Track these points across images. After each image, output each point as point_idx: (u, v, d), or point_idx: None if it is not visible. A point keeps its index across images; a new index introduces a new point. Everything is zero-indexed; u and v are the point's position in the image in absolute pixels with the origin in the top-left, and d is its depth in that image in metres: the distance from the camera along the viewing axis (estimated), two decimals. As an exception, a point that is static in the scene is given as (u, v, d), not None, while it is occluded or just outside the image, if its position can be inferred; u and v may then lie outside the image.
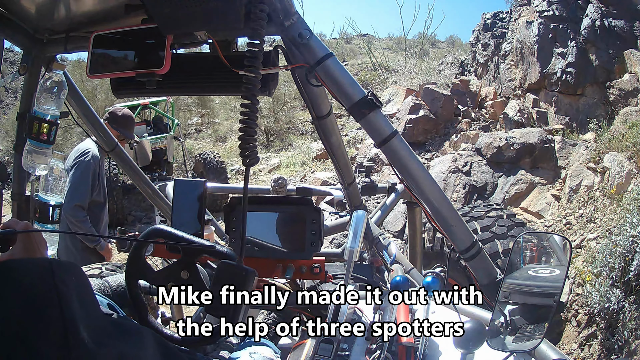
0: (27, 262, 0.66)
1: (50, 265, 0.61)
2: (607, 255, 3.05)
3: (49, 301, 0.57)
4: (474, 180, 5.42)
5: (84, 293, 0.65)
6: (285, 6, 1.00)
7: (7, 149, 11.90)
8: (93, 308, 0.66)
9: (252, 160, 0.88)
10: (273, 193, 2.21)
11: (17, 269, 0.60)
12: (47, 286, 0.58)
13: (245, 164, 0.88)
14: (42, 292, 0.58)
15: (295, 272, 1.33)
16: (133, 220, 7.19)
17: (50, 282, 0.59)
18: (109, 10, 1.14)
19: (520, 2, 7.77)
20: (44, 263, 0.62)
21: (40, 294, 0.58)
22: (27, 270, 0.60)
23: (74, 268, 0.67)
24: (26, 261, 0.68)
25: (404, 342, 0.92)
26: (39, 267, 0.61)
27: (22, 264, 0.63)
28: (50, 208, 1.42)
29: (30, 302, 0.57)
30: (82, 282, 0.66)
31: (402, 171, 1.12)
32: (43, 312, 0.56)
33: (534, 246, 1.06)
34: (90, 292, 0.68)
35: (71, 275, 0.63)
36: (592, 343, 3.01)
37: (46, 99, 1.33)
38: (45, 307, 0.57)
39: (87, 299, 0.65)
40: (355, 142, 8.66)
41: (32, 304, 0.57)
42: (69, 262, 0.69)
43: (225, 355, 1.27)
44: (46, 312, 0.57)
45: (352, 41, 18.84)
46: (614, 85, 5.69)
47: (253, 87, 0.89)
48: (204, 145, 12.17)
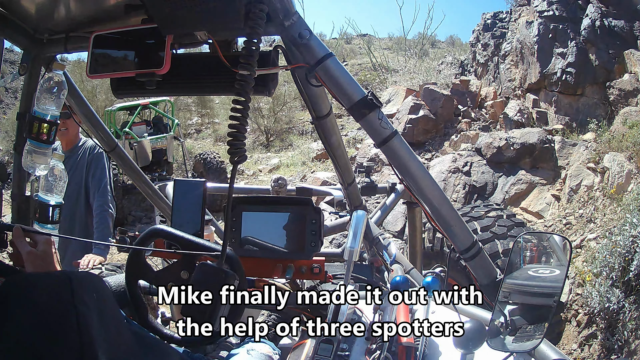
0: (44, 278, 0.61)
1: (69, 283, 0.57)
2: (607, 255, 3.05)
3: (66, 323, 0.53)
4: (474, 180, 5.42)
5: (106, 310, 0.60)
6: (285, 6, 1.00)
7: (7, 149, 11.90)
8: (115, 326, 0.62)
9: (240, 158, 0.88)
10: (273, 193, 2.21)
11: (34, 285, 0.56)
12: (65, 307, 0.54)
13: (233, 161, 0.88)
14: (59, 313, 0.54)
15: (295, 272, 1.33)
16: (133, 220, 7.19)
17: (68, 301, 0.55)
18: (109, 10, 1.14)
19: (520, 2, 7.77)
20: (63, 280, 0.57)
21: (57, 315, 0.53)
22: (44, 287, 0.56)
23: (95, 282, 0.63)
24: (44, 277, 0.62)
25: (404, 342, 0.92)
26: (57, 285, 0.56)
27: (39, 279, 0.59)
28: (50, 208, 1.42)
29: (45, 323, 0.52)
30: (103, 297, 0.62)
31: (402, 171, 1.12)
32: (59, 335, 0.52)
33: (534, 246, 1.06)
34: (112, 307, 0.64)
35: (92, 292, 0.59)
36: (592, 343, 3.01)
37: (46, 99, 1.33)
38: (61, 329, 0.53)
39: (109, 316, 0.60)
40: (355, 142, 8.66)
41: (47, 325, 0.52)
42: (89, 276, 0.65)
43: (224, 355, 1.27)
44: (62, 335, 0.52)
45: (352, 41, 18.85)
46: (614, 85, 5.69)
47: (246, 84, 0.89)
48: (204, 145, 12.17)
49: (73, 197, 2.47)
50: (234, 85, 0.89)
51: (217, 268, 0.92)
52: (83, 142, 2.61)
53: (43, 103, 1.33)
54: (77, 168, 2.52)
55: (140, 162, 6.98)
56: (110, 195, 2.55)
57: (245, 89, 0.89)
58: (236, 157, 0.88)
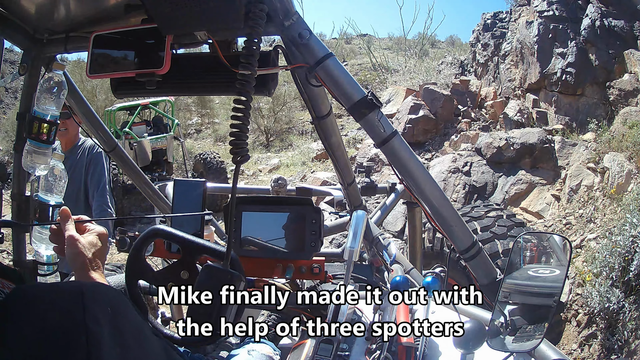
0: (54, 291, 0.56)
1: (80, 298, 0.52)
2: (607, 255, 3.05)
3: (75, 343, 0.49)
4: (474, 180, 5.42)
5: (124, 326, 0.55)
6: (285, 6, 1.00)
7: (7, 149, 11.90)
8: (137, 343, 0.57)
9: (242, 158, 0.88)
10: (273, 193, 2.21)
11: (41, 299, 0.52)
12: (74, 324, 0.50)
13: (236, 161, 0.87)
14: (67, 331, 0.50)
15: (295, 272, 1.33)
16: (133, 220, 7.19)
17: (79, 319, 0.50)
18: (109, 10, 1.14)
19: (520, 2, 7.77)
20: (74, 294, 0.53)
21: (65, 334, 0.49)
22: (52, 302, 0.52)
23: (110, 295, 0.58)
24: (53, 290, 0.57)
25: (404, 342, 0.92)
26: (67, 300, 0.52)
27: (48, 292, 0.54)
28: (50, 208, 1.42)
29: (52, 342, 0.49)
30: (121, 312, 0.57)
31: (402, 171, 1.12)
32: (65, 356, 0.48)
33: (534, 246, 1.06)
34: (133, 323, 0.59)
35: (106, 306, 0.54)
36: (592, 343, 3.01)
37: (46, 99, 1.33)
38: (69, 350, 0.49)
39: (128, 333, 0.56)
40: (355, 142, 8.66)
41: (53, 344, 0.49)
42: (105, 288, 0.60)
43: (224, 355, 1.27)
44: (69, 356, 0.48)
45: (352, 41, 18.84)
46: (614, 85, 5.69)
47: (247, 84, 0.89)
48: (204, 145, 12.18)
49: (73, 197, 2.47)
50: (234, 85, 0.89)
51: (223, 269, 0.92)
52: (82, 142, 2.61)
53: (43, 103, 1.32)
54: (77, 168, 2.53)
55: (140, 162, 6.97)
56: (110, 195, 2.55)
57: (246, 89, 0.89)
58: (239, 157, 0.88)
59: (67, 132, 2.52)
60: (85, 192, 2.54)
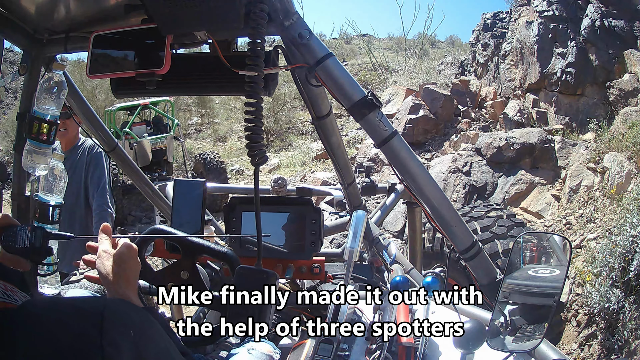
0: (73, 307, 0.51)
1: (100, 319, 0.48)
2: (607, 255, 3.05)
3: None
4: (474, 180, 5.42)
5: (146, 351, 0.51)
6: (285, 6, 1.00)
7: (7, 149, 11.90)
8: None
9: (260, 159, 0.88)
10: (273, 193, 2.21)
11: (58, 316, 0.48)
12: (89, 346, 0.46)
13: (254, 163, 0.87)
14: (80, 353, 0.46)
15: (295, 272, 1.33)
16: (133, 220, 7.19)
17: (95, 341, 0.47)
18: (109, 10, 1.14)
19: (520, 2, 7.77)
20: (94, 315, 0.49)
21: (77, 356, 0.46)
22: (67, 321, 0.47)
23: (135, 317, 0.53)
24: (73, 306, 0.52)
25: (404, 342, 0.92)
26: (85, 320, 0.48)
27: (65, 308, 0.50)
28: (50, 208, 1.42)
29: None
30: (144, 334, 0.52)
31: (402, 171, 1.12)
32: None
33: (534, 246, 1.06)
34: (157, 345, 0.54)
35: (128, 329, 0.50)
36: (592, 343, 3.01)
37: (46, 99, 1.33)
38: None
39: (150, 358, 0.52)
40: (355, 142, 8.66)
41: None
42: (129, 308, 0.55)
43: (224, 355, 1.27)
44: None
45: (352, 41, 18.84)
46: (614, 85, 5.69)
47: (256, 86, 0.89)
48: (204, 145, 12.17)
49: (73, 197, 2.46)
50: (234, 85, 0.89)
51: (257, 269, 0.92)
52: (82, 141, 2.61)
53: (43, 103, 1.32)
54: (77, 168, 2.52)
55: (140, 162, 6.97)
56: (110, 195, 2.55)
57: (256, 91, 0.89)
58: (257, 159, 0.88)
59: (67, 132, 2.52)
60: (85, 192, 2.54)
